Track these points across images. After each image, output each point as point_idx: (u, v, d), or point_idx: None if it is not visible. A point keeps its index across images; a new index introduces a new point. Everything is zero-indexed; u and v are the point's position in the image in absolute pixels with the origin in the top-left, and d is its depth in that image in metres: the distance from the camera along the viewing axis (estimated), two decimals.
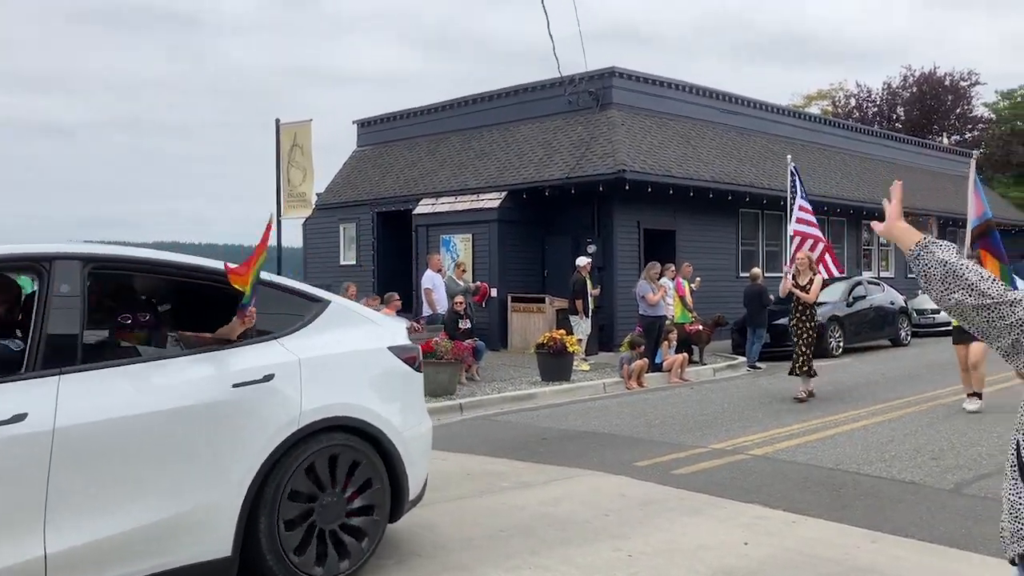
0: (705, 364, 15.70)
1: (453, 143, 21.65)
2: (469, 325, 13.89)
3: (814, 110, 44.83)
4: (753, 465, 7.74)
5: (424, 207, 20.19)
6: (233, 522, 4.29)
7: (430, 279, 15.41)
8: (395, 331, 5.41)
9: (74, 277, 4.12)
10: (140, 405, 4.09)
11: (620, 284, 17.92)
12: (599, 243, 18.10)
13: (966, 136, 44.52)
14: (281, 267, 14.00)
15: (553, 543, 5.51)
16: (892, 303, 19.31)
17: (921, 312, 20.48)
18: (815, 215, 13.23)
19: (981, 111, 47.83)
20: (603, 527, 5.84)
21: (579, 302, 15.20)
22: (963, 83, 44.79)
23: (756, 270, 16.83)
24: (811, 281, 11.58)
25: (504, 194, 18.65)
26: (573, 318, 15.33)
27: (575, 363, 14.01)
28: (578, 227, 18.70)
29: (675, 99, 20.66)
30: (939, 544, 5.41)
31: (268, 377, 4.49)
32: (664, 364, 14.33)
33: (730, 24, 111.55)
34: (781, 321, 16.78)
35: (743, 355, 16.30)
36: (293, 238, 28.13)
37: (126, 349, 4.74)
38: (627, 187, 17.38)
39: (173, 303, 5.42)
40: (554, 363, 13.37)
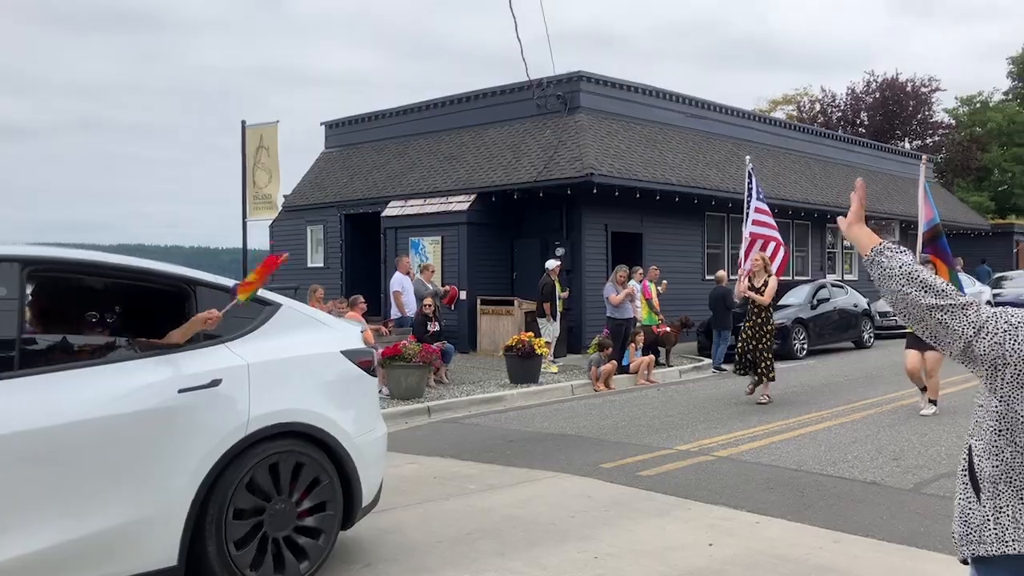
0: (671, 366, 15.82)
1: (422, 145, 21.61)
2: (438, 328, 13.88)
3: (779, 115, 45.33)
4: (718, 466, 7.82)
5: (393, 209, 20.13)
6: (179, 531, 4.17)
7: (399, 281, 15.36)
8: (349, 335, 5.31)
9: (12, 280, 3.98)
10: (78, 412, 3.93)
11: (588, 287, 18.00)
12: (567, 246, 18.17)
13: (927, 141, 45.26)
14: (246, 270, 13.87)
15: (520, 545, 5.53)
16: (855, 306, 19.58)
17: (884, 314, 20.78)
18: (773, 217, 13.06)
19: (942, 117, 48.69)
20: (569, 529, 5.87)
21: (548, 305, 15.25)
22: (924, 89, 45.53)
23: (721, 273, 16.98)
24: (765, 283, 11.49)
25: (473, 197, 18.66)
26: (542, 320, 15.37)
27: (544, 365, 14.05)
28: (547, 230, 18.76)
29: (642, 103, 20.79)
30: (899, 543, 5.51)
31: (215, 382, 4.38)
32: (631, 366, 14.42)
33: (695, 29, 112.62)
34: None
35: (709, 357, 16.44)
36: (259, 240, 27.90)
37: (69, 354, 4.61)
38: (595, 190, 17.47)
39: (121, 306, 5.28)
40: (523, 365, 13.39)
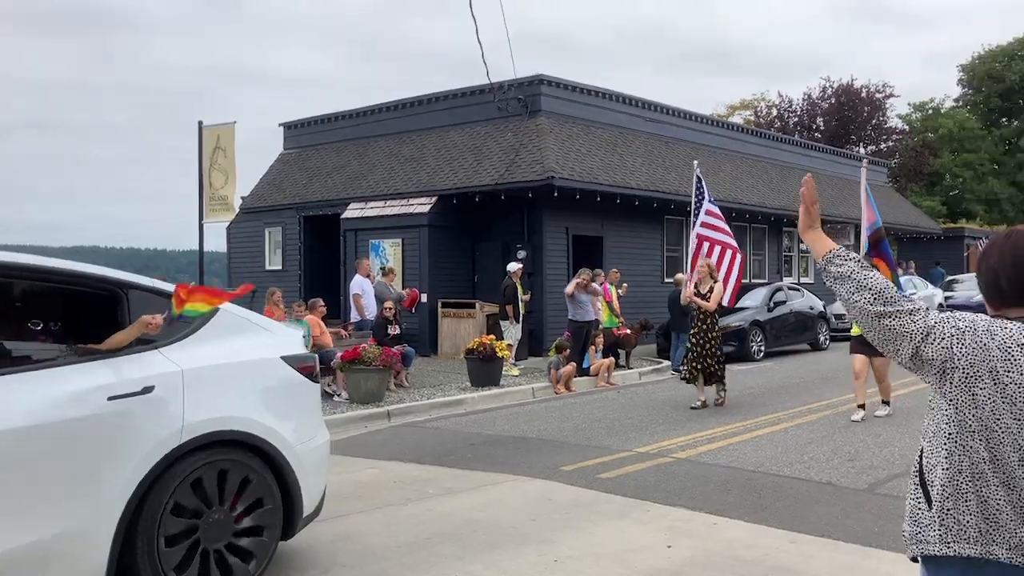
0: (631, 368, 15.91)
1: (382, 147, 21.50)
2: (398, 331, 13.81)
3: (737, 120, 45.88)
4: (677, 468, 7.88)
5: (352, 211, 19.99)
6: (107, 546, 4.02)
7: (359, 284, 15.27)
8: (290, 340, 5.19)
9: None
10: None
11: (549, 290, 18.04)
12: (529, 249, 18.20)
13: (881, 146, 46.10)
14: (203, 273, 13.69)
15: (480, 549, 5.51)
16: (811, 308, 19.85)
17: (839, 317, 21.10)
18: (730, 221, 12.94)
19: (895, 122, 49.65)
20: (530, 532, 5.87)
21: (511, 307, 15.25)
22: (878, 95, 46.36)
23: (680, 276, 17.11)
24: (711, 289, 11.43)
25: (434, 199, 18.60)
26: (504, 323, 15.37)
27: (505, 368, 14.04)
28: (508, 233, 18.77)
29: (602, 107, 20.90)
30: (854, 543, 5.59)
31: (147, 389, 4.23)
32: (591, 368, 14.47)
33: (652, 34, 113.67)
34: None
35: (668, 359, 16.57)
36: (217, 243, 27.55)
37: None
38: (556, 193, 17.52)
39: (57, 311, 5.08)
40: (484, 368, 13.37)
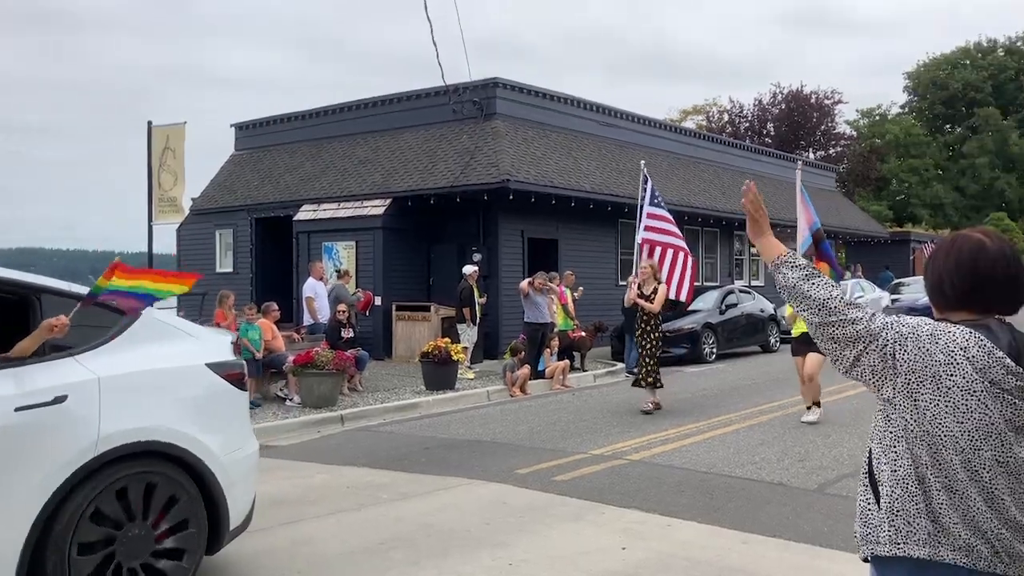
0: (586, 371, 15.97)
1: (336, 149, 21.32)
2: (352, 334, 13.69)
3: (690, 125, 46.39)
4: (631, 470, 7.91)
5: (305, 214, 19.78)
6: (14, 560, 3.83)
7: (312, 287, 15.11)
8: (217, 346, 5.02)
9: None
10: None
11: (505, 292, 18.04)
12: (484, 251, 18.18)
13: (830, 152, 46.99)
14: None
15: (434, 553, 5.48)
16: (762, 311, 20.12)
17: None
18: (681, 224, 12.84)
19: (843, 128, 50.67)
20: (484, 536, 5.84)
21: (467, 310, 15.20)
22: (827, 101, 47.27)
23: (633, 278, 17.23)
24: (655, 291, 11.35)
25: (388, 201, 18.49)
26: (461, 326, 15.32)
27: (460, 371, 14.00)
28: (463, 235, 18.72)
29: (557, 111, 20.97)
30: (805, 543, 5.67)
31: (60, 399, 4.04)
32: (546, 371, 14.49)
33: (604, 39, 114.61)
34: None
35: (622, 361, 16.65)
36: (167, 244, 27.06)
37: None
38: (511, 196, 17.53)
39: None
40: (439, 372, 13.31)
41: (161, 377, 4.56)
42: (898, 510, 2.17)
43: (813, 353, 9.80)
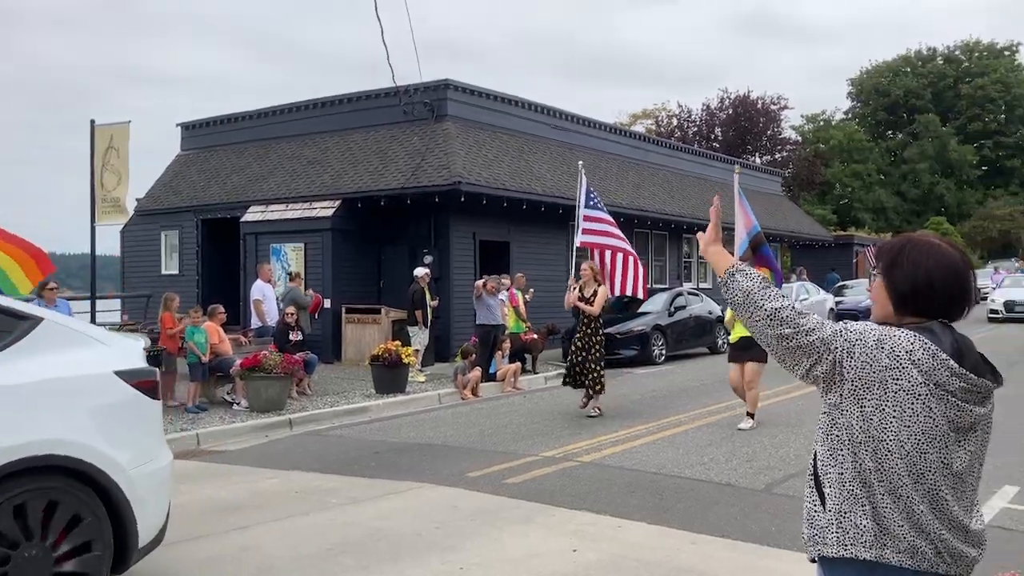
0: (538, 373, 16.00)
1: (284, 149, 21.06)
2: (300, 337, 13.54)
3: (639, 128, 46.81)
4: (582, 471, 7.94)
5: (253, 215, 19.51)
6: None
7: (260, 290, 14.91)
8: (127, 353, 4.79)
9: None
10: None
11: (456, 295, 18.00)
12: (436, 254, 18.11)
13: (776, 156, 47.76)
14: (95, 278, 13.11)
15: (383, 558, 5.43)
16: (710, 313, 20.37)
17: None
18: (615, 224, 12.32)
19: (789, 133, 51.58)
20: (435, 540, 5.81)
21: (419, 312, 15.13)
22: (773, 107, 48.02)
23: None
24: (595, 293, 11.18)
25: (338, 203, 18.32)
26: (412, 329, 15.24)
27: (411, 374, 13.93)
28: (415, 237, 18.63)
29: (509, 113, 21.00)
30: (753, 542, 5.74)
31: None
32: (498, 373, 14.49)
33: (556, 41, 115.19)
34: (609, 330, 17.40)
35: None
36: (111, 246, 26.48)
37: None
38: (463, 199, 17.50)
39: None
40: (389, 375, 13.23)
41: (64, 386, 4.33)
42: (844, 512, 2.20)
43: (751, 363, 9.80)
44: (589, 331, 11.24)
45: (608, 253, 11.89)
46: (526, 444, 9.33)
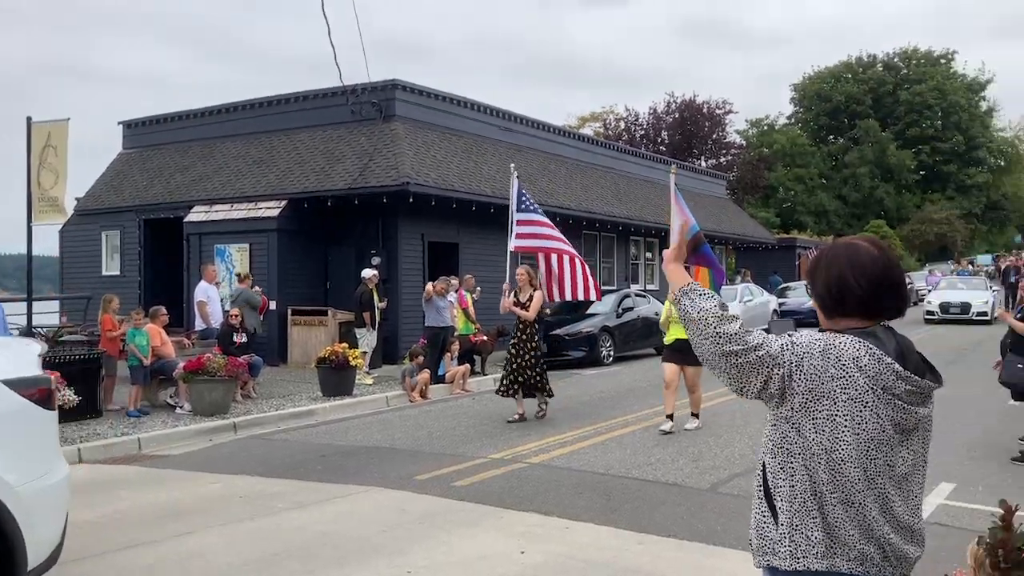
0: (487, 375, 15.98)
1: (229, 149, 20.74)
2: (245, 339, 13.34)
3: (587, 131, 47.11)
4: (531, 473, 7.96)
5: (196, 215, 19.17)
6: None
7: (204, 291, 14.66)
8: (18, 359, 4.50)
9: None
10: None
11: (405, 296, 17.90)
12: (384, 255, 17.98)
13: (721, 160, 48.47)
14: (32, 279, 12.74)
15: (330, 564, 5.37)
16: (657, 314, 20.44)
17: None
18: (553, 227, 11.92)
19: (734, 137, 52.39)
20: (382, 544, 5.77)
21: (367, 314, 15.00)
22: (718, 111, 48.73)
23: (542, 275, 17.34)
24: (531, 298, 11.04)
25: (284, 203, 18.09)
26: (360, 331, 15.11)
27: (358, 377, 13.81)
28: (362, 239, 18.48)
29: (457, 115, 20.95)
30: (699, 541, 5.81)
31: None
32: (447, 375, 14.45)
33: (505, 44, 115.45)
34: (557, 331, 17.50)
35: None
36: (49, 246, 25.77)
37: None
38: (411, 200, 17.41)
39: None
40: (336, 377, 13.10)
41: None
42: (796, 526, 2.21)
43: (692, 366, 9.81)
44: (524, 336, 11.04)
45: (554, 257, 11.59)
46: (475, 446, 9.31)
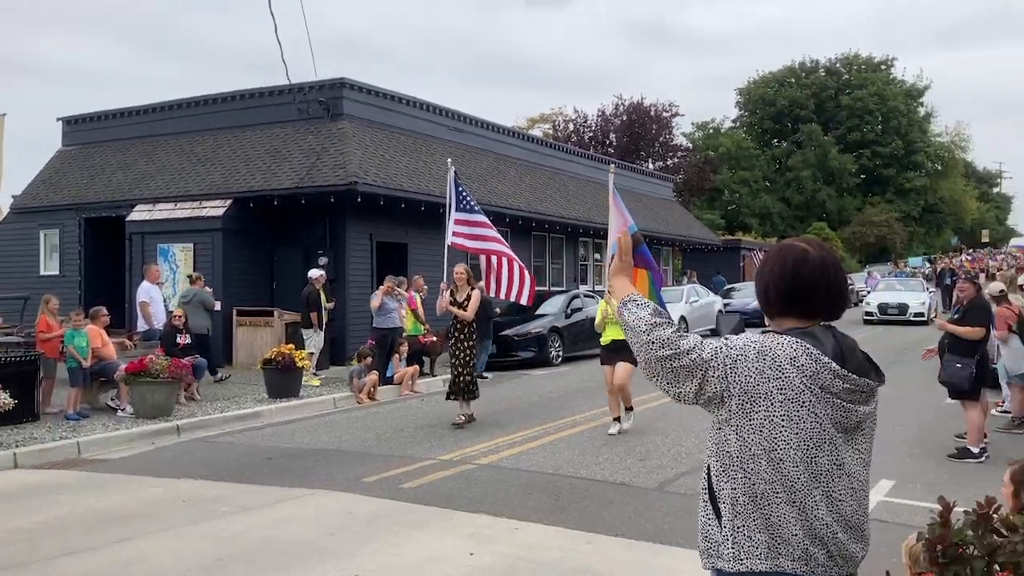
0: (436, 376, 15.92)
1: (172, 147, 20.35)
2: (188, 340, 13.10)
3: (537, 132, 47.25)
4: (480, 474, 7.95)
5: (139, 214, 18.77)
6: None
7: (146, 291, 14.36)
8: None
9: None
10: None
11: (352, 297, 17.74)
12: (331, 255, 17.81)
13: (668, 162, 49.00)
14: None
15: (274, 568, 5.30)
16: None
17: None
18: (492, 228, 11.60)
19: (680, 140, 52.99)
20: (328, 547, 5.71)
21: (314, 315, 14.84)
22: (665, 114, 49.23)
23: (482, 283, 17.35)
24: (468, 297, 10.89)
25: (229, 202, 17.81)
26: (307, 331, 14.94)
27: (305, 378, 13.65)
28: (310, 238, 18.27)
29: (406, 114, 20.85)
30: (647, 541, 5.86)
31: None
32: (395, 376, 14.36)
33: (455, 44, 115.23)
34: (507, 332, 17.51)
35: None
36: None
37: None
38: (359, 199, 17.26)
39: None
40: (282, 379, 12.93)
41: None
42: (739, 527, 2.24)
43: (623, 363, 9.88)
44: (461, 336, 10.80)
45: (494, 258, 11.39)
46: (423, 448, 9.27)
